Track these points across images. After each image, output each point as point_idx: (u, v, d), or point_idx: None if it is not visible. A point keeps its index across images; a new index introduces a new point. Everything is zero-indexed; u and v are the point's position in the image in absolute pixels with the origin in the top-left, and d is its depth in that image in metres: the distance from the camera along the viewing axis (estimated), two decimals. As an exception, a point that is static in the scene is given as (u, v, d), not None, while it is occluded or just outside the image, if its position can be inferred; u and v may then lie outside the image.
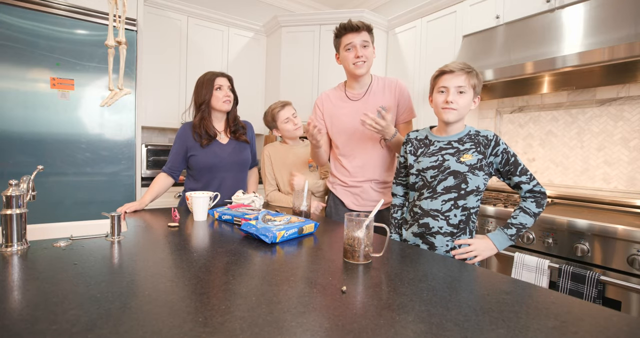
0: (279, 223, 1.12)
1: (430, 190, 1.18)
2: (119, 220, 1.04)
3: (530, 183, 1.13)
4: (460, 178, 1.14)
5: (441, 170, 1.17)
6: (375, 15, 2.97)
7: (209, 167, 1.68)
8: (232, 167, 1.74)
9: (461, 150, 1.16)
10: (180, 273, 0.77)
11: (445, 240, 1.16)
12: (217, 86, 1.66)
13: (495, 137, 1.15)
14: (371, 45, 1.50)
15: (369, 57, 1.49)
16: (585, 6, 1.78)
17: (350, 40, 1.46)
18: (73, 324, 0.53)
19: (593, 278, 1.37)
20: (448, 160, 1.16)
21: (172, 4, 2.85)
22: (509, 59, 1.96)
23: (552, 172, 2.20)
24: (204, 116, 1.67)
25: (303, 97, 3.07)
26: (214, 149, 1.69)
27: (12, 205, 0.89)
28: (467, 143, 1.16)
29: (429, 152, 1.21)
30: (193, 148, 1.67)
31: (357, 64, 1.47)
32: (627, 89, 1.87)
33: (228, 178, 1.73)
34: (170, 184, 1.67)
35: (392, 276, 0.80)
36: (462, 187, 1.14)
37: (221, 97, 1.66)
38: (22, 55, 2.01)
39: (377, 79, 1.59)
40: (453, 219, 1.15)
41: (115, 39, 1.22)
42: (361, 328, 0.55)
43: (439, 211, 1.16)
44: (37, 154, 2.07)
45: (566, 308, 0.65)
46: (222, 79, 1.69)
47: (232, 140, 1.75)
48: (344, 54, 1.50)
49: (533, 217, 1.12)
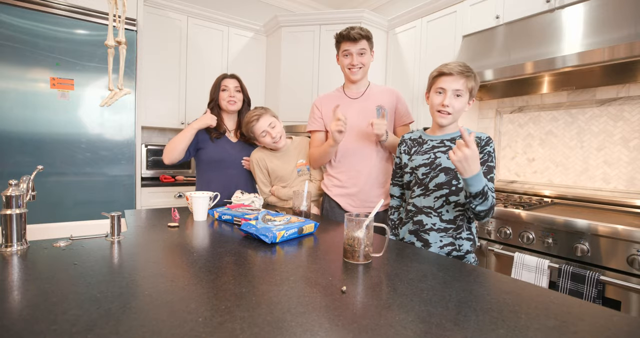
0: (279, 223, 1.12)
1: (423, 187, 1.21)
2: (119, 220, 1.04)
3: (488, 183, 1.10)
4: (451, 174, 1.16)
5: (433, 168, 1.19)
6: (375, 15, 2.97)
7: (217, 161, 1.73)
8: (241, 164, 1.79)
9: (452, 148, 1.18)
10: (180, 273, 0.77)
11: (439, 236, 1.17)
12: (223, 87, 1.76)
13: (488, 138, 1.17)
14: (369, 52, 1.55)
15: (365, 63, 1.55)
16: (585, 6, 1.78)
17: (347, 48, 1.53)
18: (73, 324, 0.53)
19: (593, 278, 1.37)
20: (440, 158, 1.19)
21: (172, 4, 2.85)
22: (509, 59, 1.96)
23: (552, 172, 2.20)
24: (213, 113, 1.77)
25: (303, 97, 3.07)
26: (223, 145, 1.76)
27: (12, 205, 0.89)
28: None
29: (422, 151, 1.24)
30: (202, 141, 1.74)
31: (352, 70, 1.55)
32: (627, 89, 1.87)
33: (235, 175, 1.77)
34: (182, 154, 1.71)
35: (392, 276, 0.80)
36: (452, 183, 1.16)
37: (226, 97, 1.75)
38: (22, 55, 2.01)
39: (374, 84, 1.66)
40: (446, 215, 1.17)
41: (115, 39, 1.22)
42: (361, 328, 0.55)
43: (431, 208, 1.19)
44: (37, 153, 2.07)
45: (566, 308, 0.65)
46: (229, 80, 1.77)
47: (241, 142, 1.82)
48: (342, 58, 1.58)
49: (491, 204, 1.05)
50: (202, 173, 1.78)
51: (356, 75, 1.55)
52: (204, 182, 1.76)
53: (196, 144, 1.73)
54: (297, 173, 1.75)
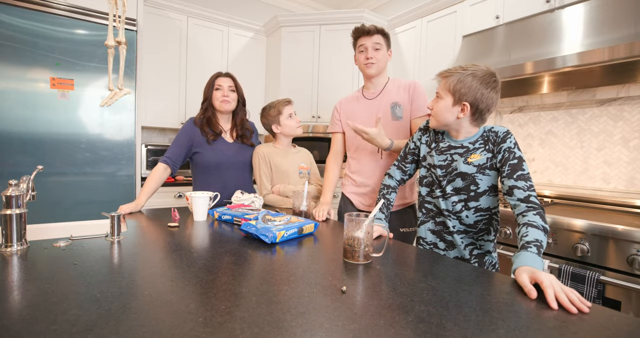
0: (279, 223, 1.12)
1: (441, 189, 1.16)
2: (119, 220, 1.04)
3: (527, 191, 0.97)
4: (469, 180, 1.09)
5: (449, 171, 1.13)
6: (375, 15, 2.97)
7: (215, 165, 1.68)
8: (238, 166, 1.75)
9: (470, 150, 1.10)
10: (180, 273, 0.77)
11: (459, 238, 1.15)
12: (217, 86, 1.69)
13: (505, 134, 1.05)
14: (384, 48, 1.53)
15: (380, 59, 1.53)
16: (585, 6, 1.78)
17: (362, 42, 1.53)
18: (73, 324, 0.53)
19: (593, 278, 1.37)
20: (456, 161, 1.11)
21: (172, 4, 2.85)
22: (509, 59, 1.96)
23: (552, 172, 2.20)
24: (207, 114, 1.71)
25: (303, 97, 3.07)
26: (220, 147, 1.70)
27: (12, 205, 0.89)
28: (478, 142, 1.10)
29: (439, 149, 1.17)
30: (199, 144, 1.68)
31: (367, 65, 1.53)
32: (627, 89, 1.87)
33: (233, 177, 1.73)
34: (167, 176, 1.62)
35: (392, 276, 0.80)
36: (471, 188, 1.09)
37: (219, 96, 1.68)
38: (22, 55, 2.01)
39: (394, 80, 1.61)
40: (466, 220, 1.12)
41: (115, 39, 1.22)
42: (361, 328, 0.55)
43: (450, 211, 1.15)
44: (37, 153, 2.07)
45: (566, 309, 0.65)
46: (223, 79, 1.71)
47: (237, 142, 1.78)
48: (358, 55, 1.58)
49: (543, 231, 0.88)
50: (199, 176, 1.73)
51: (370, 70, 1.53)
52: (201, 186, 1.71)
53: (191, 147, 1.67)
54: (299, 174, 1.79)
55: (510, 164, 1.01)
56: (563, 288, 0.68)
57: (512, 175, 1.00)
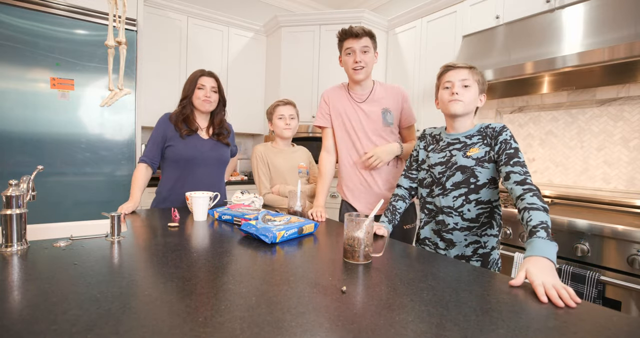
0: (279, 223, 1.12)
1: (440, 186, 1.18)
2: (119, 220, 1.04)
3: (523, 176, 1.00)
4: (468, 172, 1.12)
5: (448, 166, 1.16)
6: (375, 15, 2.97)
7: (186, 160, 1.62)
8: (211, 162, 1.69)
9: (468, 145, 1.15)
10: (180, 273, 0.77)
11: (463, 235, 1.15)
12: (200, 85, 1.63)
13: (502, 128, 1.11)
14: (372, 50, 1.51)
15: (368, 63, 1.51)
16: (585, 6, 1.77)
17: (350, 45, 1.49)
18: (73, 324, 0.53)
19: (593, 278, 1.37)
20: (455, 156, 1.16)
21: (172, 4, 2.86)
22: (509, 59, 1.96)
23: (552, 172, 2.20)
24: (184, 111, 1.65)
25: (303, 97, 3.07)
26: (194, 142, 1.64)
27: (12, 205, 0.89)
28: (475, 137, 1.15)
29: (438, 148, 1.22)
30: (172, 138, 1.62)
31: (355, 69, 1.50)
32: (627, 89, 1.87)
33: (205, 174, 1.67)
34: (151, 174, 1.61)
35: (392, 276, 0.80)
36: (471, 181, 1.12)
37: (200, 96, 1.63)
38: (22, 55, 2.01)
39: (380, 83, 1.62)
40: (467, 214, 1.14)
41: (115, 39, 1.22)
42: (361, 328, 0.55)
43: (451, 208, 1.15)
44: (37, 153, 2.07)
45: (566, 308, 0.65)
46: (207, 78, 1.65)
47: (212, 139, 1.71)
48: (345, 57, 1.54)
49: (544, 211, 0.91)
50: (168, 170, 1.64)
51: (359, 75, 1.50)
52: (167, 181, 1.64)
53: (165, 141, 1.61)
54: (298, 173, 1.78)
55: (507, 153, 1.07)
56: (555, 285, 0.70)
57: (508, 162, 1.05)
